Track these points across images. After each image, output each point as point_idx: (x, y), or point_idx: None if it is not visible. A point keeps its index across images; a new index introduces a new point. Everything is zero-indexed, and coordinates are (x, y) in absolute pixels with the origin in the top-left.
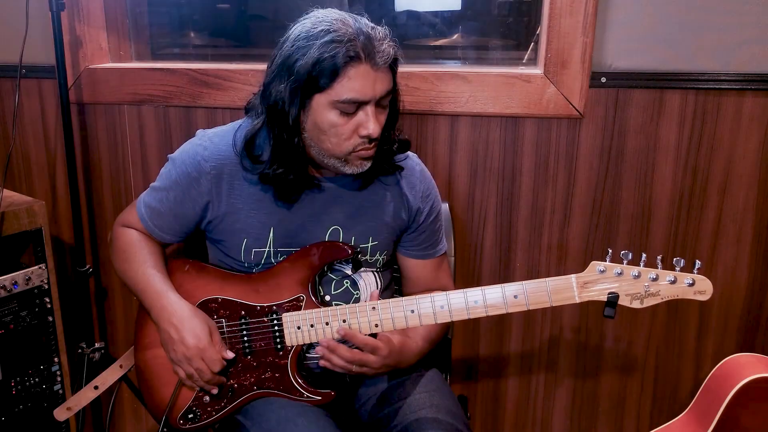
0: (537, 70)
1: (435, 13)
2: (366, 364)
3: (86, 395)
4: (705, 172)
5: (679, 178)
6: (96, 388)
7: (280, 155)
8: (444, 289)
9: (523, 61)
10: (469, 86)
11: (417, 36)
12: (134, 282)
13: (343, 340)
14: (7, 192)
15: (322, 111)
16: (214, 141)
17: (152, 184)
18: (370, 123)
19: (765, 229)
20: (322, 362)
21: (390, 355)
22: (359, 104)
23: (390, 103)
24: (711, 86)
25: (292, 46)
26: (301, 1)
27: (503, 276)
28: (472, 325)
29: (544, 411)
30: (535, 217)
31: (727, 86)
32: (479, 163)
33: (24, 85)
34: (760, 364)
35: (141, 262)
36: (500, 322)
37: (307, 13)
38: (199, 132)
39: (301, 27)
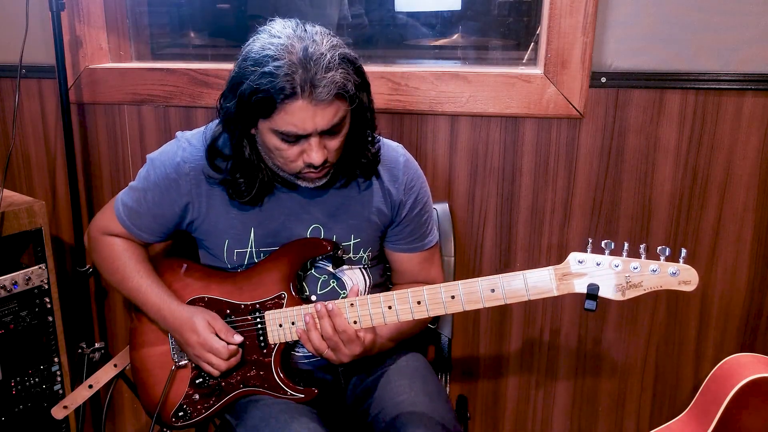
0: (537, 70)
1: (435, 13)
2: (338, 350)
3: (81, 394)
4: (705, 172)
5: (679, 178)
6: (90, 387)
7: (237, 164)
8: (432, 282)
9: (523, 61)
10: (469, 86)
11: (417, 36)
12: (131, 295)
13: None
14: (7, 192)
15: (266, 134)
16: (192, 142)
17: (130, 184)
18: (312, 153)
19: (765, 229)
20: (298, 331)
21: (361, 353)
22: (300, 136)
23: (356, 120)
24: (711, 86)
25: (242, 65)
26: (300, 1)
27: None
28: (471, 325)
29: (544, 411)
30: (535, 217)
31: (727, 86)
32: (479, 163)
33: (24, 85)
34: (760, 364)
35: (132, 274)
36: (500, 322)
37: (269, 21)
38: (178, 134)
39: (252, 44)
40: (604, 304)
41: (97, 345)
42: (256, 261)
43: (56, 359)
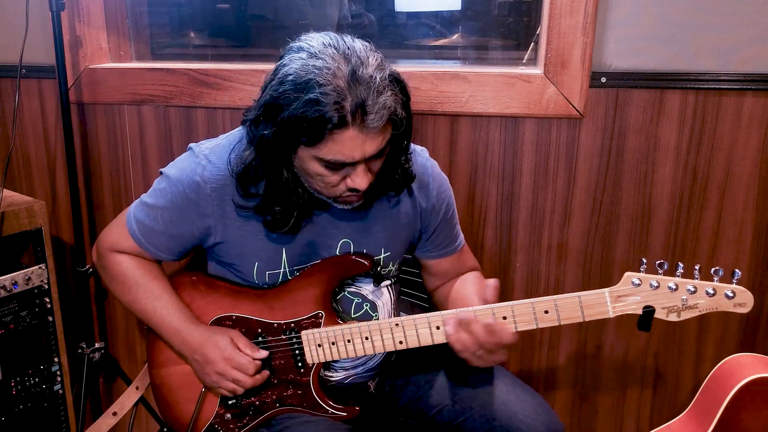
0: (537, 70)
1: (435, 13)
2: (498, 350)
3: (106, 422)
4: (705, 172)
5: (679, 178)
6: (114, 414)
7: (272, 191)
8: (472, 270)
9: (523, 61)
10: (469, 86)
11: (417, 36)
12: (146, 317)
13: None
14: (7, 192)
15: (308, 161)
16: (212, 159)
17: (143, 199)
18: (357, 179)
19: (765, 229)
20: (449, 329)
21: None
22: (346, 163)
23: (396, 138)
24: (711, 86)
25: (279, 89)
26: (300, 1)
27: (503, 276)
28: None
29: None
30: (535, 217)
31: (727, 86)
32: (479, 163)
33: (24, 85)
34: (760, 364)
35: (146, 295)
36: None
37: (304, 36)
38: (193, 147)
39: (291, 65)
40: None
41: (97, 345)
42: (289, 278)
43: (56, 359)
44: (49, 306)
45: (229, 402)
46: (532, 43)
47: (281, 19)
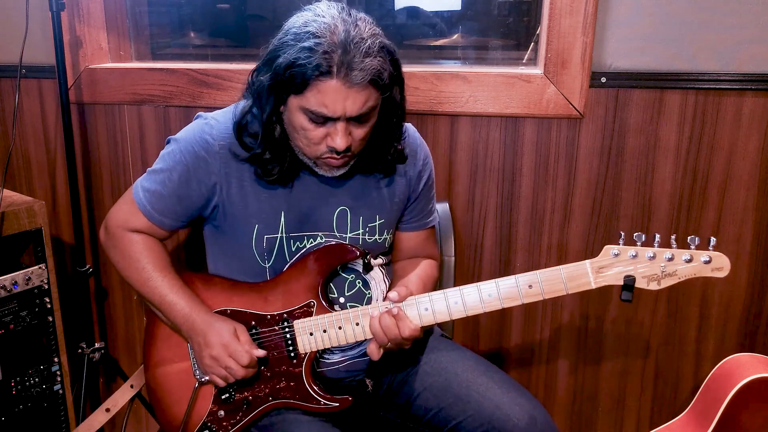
0: (537, 70)
1: (435, 13)
2: (401, 345)
3: (98, 418)
4: (705, 172)
5: (679, 178)
6: (108, 410)
7: (265, 141)
8: (431, 257)
9: (523, 61)
10: (469, 86)
11: (417, 36)
12: (155, 298)
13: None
14: (7, 192)
15: (295, 112)
16: (220, 120)
17: (150, 169)
18: (337, 138)
19: (765, 229)
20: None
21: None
22: (328, 118)
23: (386, 114)
24: (711, 86)
25: (280, 40)
26: (300, 1)
27: (503, 276)
28: (471, 324)
29: None
30: (535, 217)
31: (727, 86)
32: (479, 163)
33: (24, 85)
34: (760, 364)
35: (158, 275)
36: (500, 321)
37: (314, 1)
38: (201, 114)
39: (295, 20)
40: (603, 302)
41: (97, 345)
42: (285, 247)
43: (56, 359)
44: (49, 306)
45: (222, 397)
46: (532, 43)
47: (280, 19)
